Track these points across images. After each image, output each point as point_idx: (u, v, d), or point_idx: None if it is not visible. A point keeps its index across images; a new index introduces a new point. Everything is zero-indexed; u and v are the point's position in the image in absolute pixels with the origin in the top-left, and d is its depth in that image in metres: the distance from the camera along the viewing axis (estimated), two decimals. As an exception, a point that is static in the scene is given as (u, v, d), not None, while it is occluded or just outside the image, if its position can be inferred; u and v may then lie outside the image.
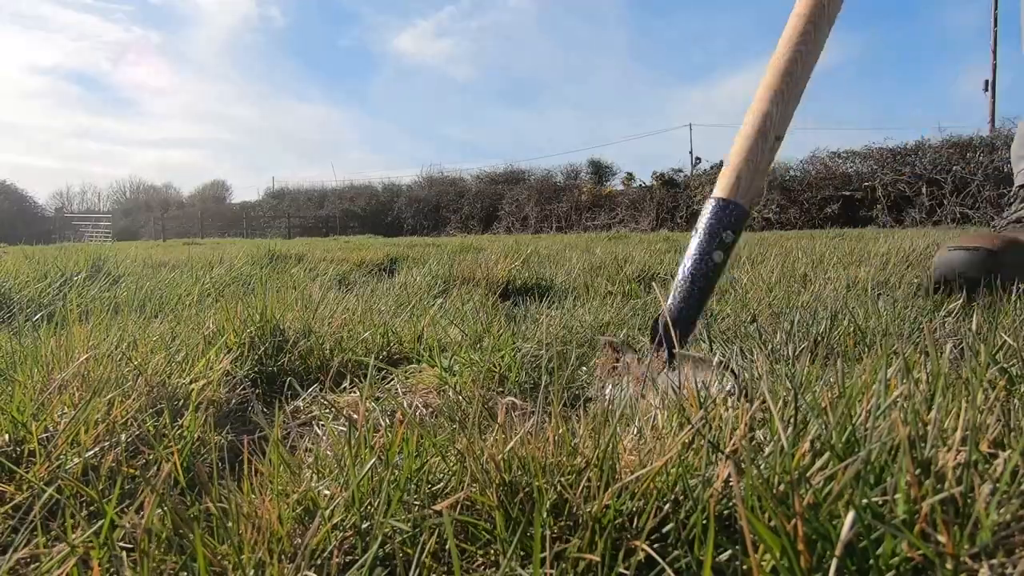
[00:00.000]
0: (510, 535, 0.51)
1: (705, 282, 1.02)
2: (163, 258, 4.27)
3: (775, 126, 1.06)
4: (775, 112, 1.05)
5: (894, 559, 0.39)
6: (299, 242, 9.38)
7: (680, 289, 1.03)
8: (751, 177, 1.04)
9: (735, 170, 1.05)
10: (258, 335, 1.26)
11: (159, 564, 0.51)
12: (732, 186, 1.05)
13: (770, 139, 1.05)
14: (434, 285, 2.66)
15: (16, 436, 0.74)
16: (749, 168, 1.04)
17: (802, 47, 1.06)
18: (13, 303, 1.90)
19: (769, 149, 1.06)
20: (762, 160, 1.05)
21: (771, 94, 1.06)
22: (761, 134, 1.05)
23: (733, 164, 1.06)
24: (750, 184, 1.05)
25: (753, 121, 1.06)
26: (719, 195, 1.05)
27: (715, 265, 1.02)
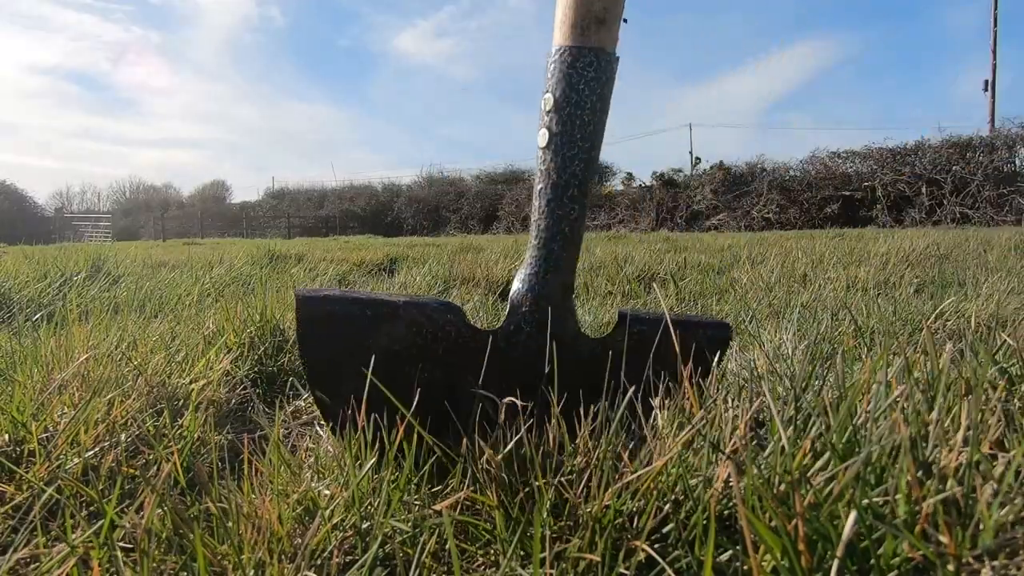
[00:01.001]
0: (510, 535, 0.50)
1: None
2: (163, 258, 4.27)
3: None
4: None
5: (895, 559, 0.39)
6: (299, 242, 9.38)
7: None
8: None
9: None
10: (258, 335, 1.26)
11: (159, 564, 0.51)
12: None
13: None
14: (434, 285, 2.66)
15: (16, 436, 0.74)
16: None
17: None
18: (13, 303, 1.90)
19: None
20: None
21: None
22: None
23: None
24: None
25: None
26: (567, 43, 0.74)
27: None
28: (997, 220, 12.82)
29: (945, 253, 3.53)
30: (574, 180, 0.72)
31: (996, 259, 3.00)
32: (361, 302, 0.70)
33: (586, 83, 0.72)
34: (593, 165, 0.73)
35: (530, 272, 0.72)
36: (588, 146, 0.72)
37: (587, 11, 0.72)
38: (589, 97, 0.72)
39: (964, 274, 2.34)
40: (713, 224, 16.25)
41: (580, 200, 0.73)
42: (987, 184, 13.51)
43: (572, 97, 0.72)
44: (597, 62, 0.72)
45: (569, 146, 0.72)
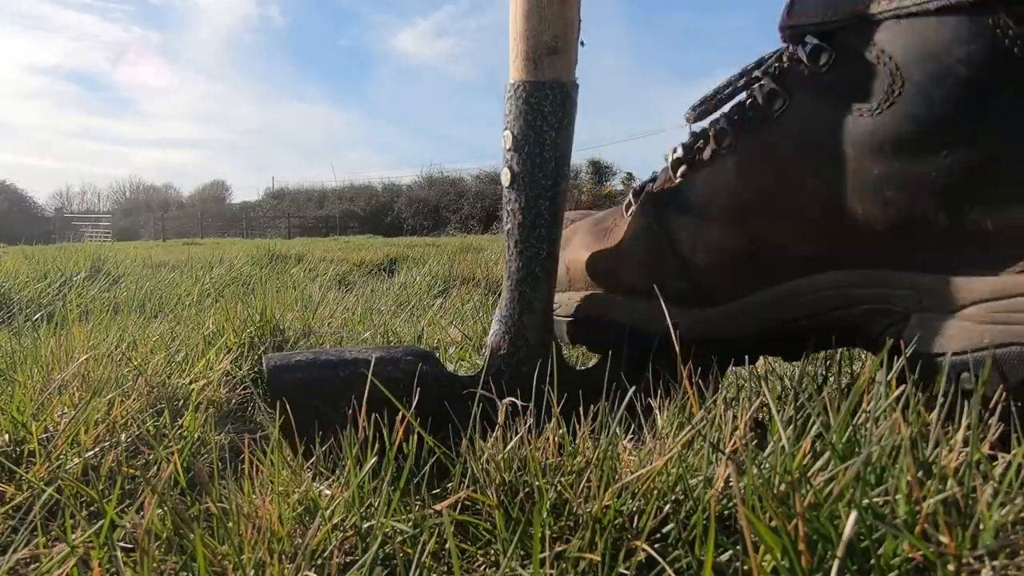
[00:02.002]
0: (510, 535, 0.50)
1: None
2: (163, 258, 4.27)
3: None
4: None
5: (895, 559, 0.39)
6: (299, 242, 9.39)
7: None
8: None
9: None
10: (258, 335, 1.26)
11: (160, 564, 0.51)
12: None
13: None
14: (434, 285, 2.66)
15: (16, 436, 0.74)
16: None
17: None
18: (13, 303, 1.90)
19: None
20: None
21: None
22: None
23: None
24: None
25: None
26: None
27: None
28: (997, 220, 12.80)
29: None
30: (540, 220, 0.69)
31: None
32: (332, 364, 0.67)
33: (544, 118, 0.68)
34: (560, 200, 0.70)
35: (505, 314, 0.70)
36: (551, 183, 0.69)
37: (538, 42, 0.68)
38: (548, 132, 0.69)
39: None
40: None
41: (549, 238, 0.70)
42: (987, 184, 13.51)
43: (531, 135, 0.69)
44: (553, 95, 0.69)
45: (533, 185, 0.69)
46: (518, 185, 0.69)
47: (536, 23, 0.68)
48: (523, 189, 0.69)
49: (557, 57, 0.69)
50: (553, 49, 0.69)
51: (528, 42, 0.68)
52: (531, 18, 0.68)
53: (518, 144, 0.69)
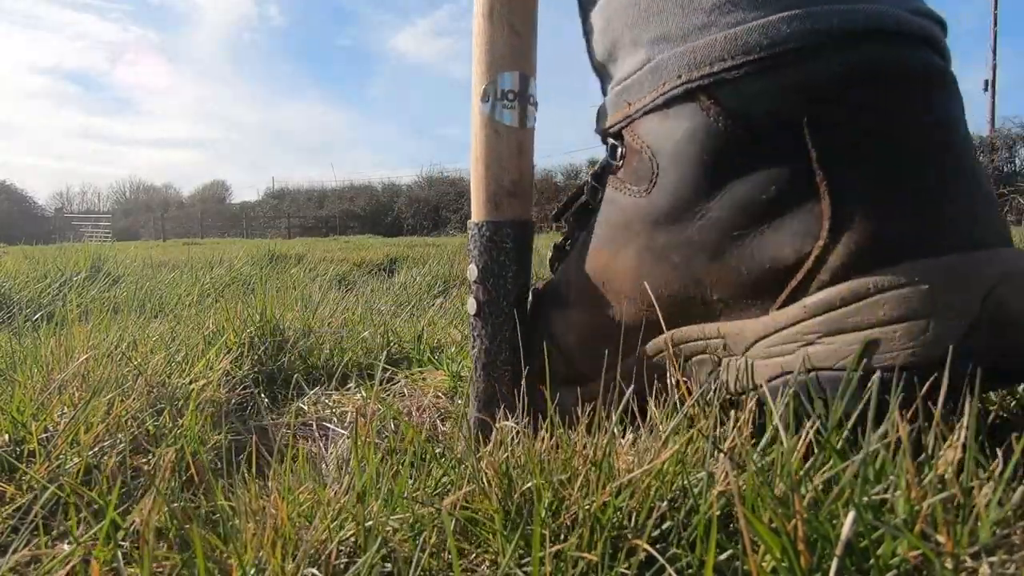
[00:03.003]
0: (509, 534, 0.51)
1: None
2: (163, 258, 4.28)
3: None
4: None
5: (894, 559, 0.39)
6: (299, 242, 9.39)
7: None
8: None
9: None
10: (258, 335, 1.26)
11: (161, 563, 0.51)
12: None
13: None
14: (434, 285, 2.66)
15: (16, 436, 0.74)
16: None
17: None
18: (13, 303, 1.90)
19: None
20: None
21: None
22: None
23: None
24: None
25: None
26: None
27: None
28: (997, 220, 12.80)
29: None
30: (505, 345, 0.75)
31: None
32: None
33: (506, 254, 0.75)
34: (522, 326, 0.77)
35: (470, 435, 0.75)
36: (513, 311, 0.76)
37: (498, 186, 0.76)
38: (511, 266, 0.76)
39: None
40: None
41: (513, 362, 0.75)
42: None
43: (494, 268, 0.76)
44: (514, 233, 0.76)
45: (497, 314, 0.76)
46: (484, 314, 0.76)
47: (496, 170, 0.76)
48: (488, 317, 0.76)
49: (515, 199, 0.77)
50: (512, 193, 0.77)
51: (489, 187, 0.76)
52: (491, 166, 0.76)
53: (483, 277, 0.76)
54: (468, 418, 0.79)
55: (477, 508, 0.54)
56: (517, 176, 0.76)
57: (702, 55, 0.56)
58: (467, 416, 0.80)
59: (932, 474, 0.42)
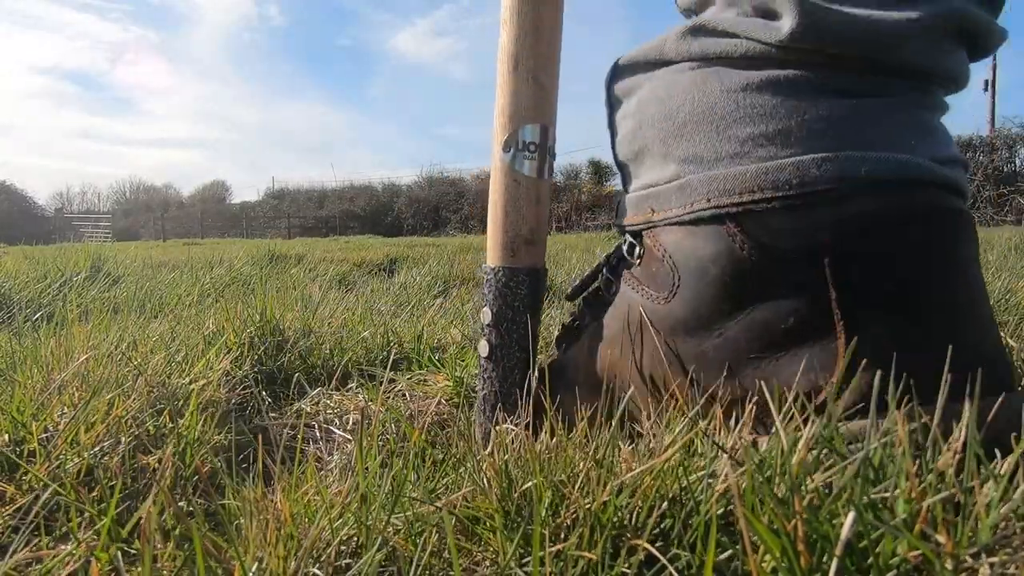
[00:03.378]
0: (510, 533, 0.51)
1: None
2: (163, 258, 4.27)
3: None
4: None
5: (894, 559, 0.39)
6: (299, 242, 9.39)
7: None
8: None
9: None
10: (258, 335, 1.26)
11: (161, 562, 0.51)
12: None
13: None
14: (434, 285, 2.66)
15: (16, 436, 0.74)
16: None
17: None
18: (13, 303, 1.90)
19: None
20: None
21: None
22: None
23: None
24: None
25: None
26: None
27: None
28: (997, 220, 12.83)
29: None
30: (514, 388, 0.77)
31: (996, 259, 3.00)
32: None
33: (520, 300, 0.77)
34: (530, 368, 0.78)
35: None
36: (526, 356, 0.77)
37: (516, 234, 0.78)
38: (524, 312, 0.77)
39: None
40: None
41: (521, 405, 0.77)
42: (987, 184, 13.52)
43: (508, 313, 0.77)
44: (529, 280, 0.77)
45: (508, 357, 0.77)
46: (496, 357, 0.78)
47: (515, 218, 0.77)
48: (500, 360, 0.77)
49: (532, 247, 0.78)
50: (529, 240, 0.78)
51: (507, 234, 0.78)
52: (510, 214, 0.78)
53: (497, 321, 0.77)
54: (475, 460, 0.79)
55: (478, 508, 0.54)
56: (535, 224, 0.77)
57: (732, 183, 0.57)
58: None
59: (932, 474, 0.42)
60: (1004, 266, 2.61)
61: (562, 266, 3.50)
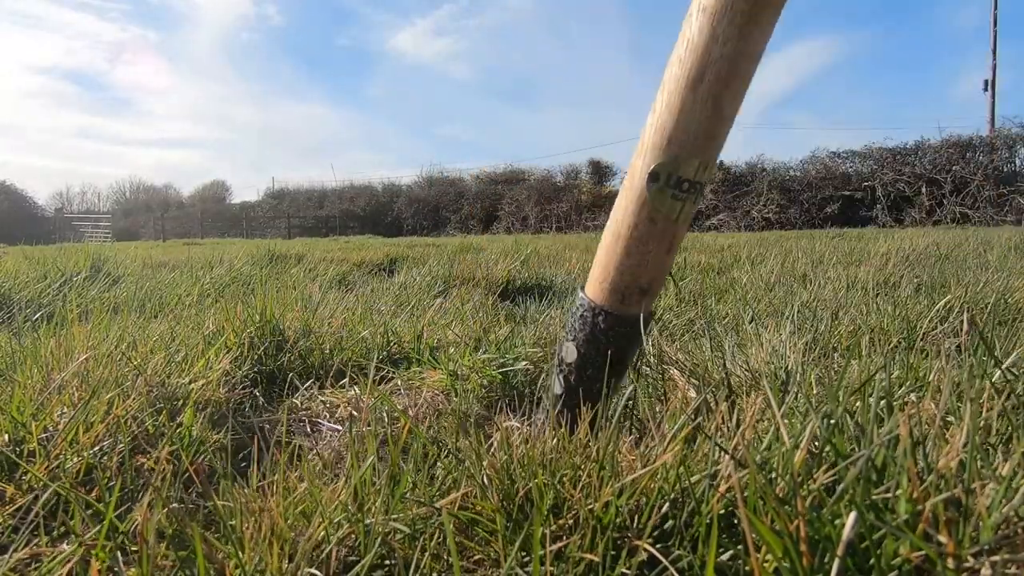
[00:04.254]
0: (510, 534, 0.50)
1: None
2: (163, 258, 4.27)
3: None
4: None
5: (896, 559, 0.38)
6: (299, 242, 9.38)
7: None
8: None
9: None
10: (258, 335, 1.25)
11: (161, 561, 0.51)
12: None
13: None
14: (434, 285, 2.65)
15: (16, 436, 0.73)
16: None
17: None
18: (13, 303, 1.90)
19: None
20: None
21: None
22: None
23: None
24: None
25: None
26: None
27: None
28: (997, 220, 12.82)
29: (945, 253, 3.53)
30: (573, 428, 0.69)
31: (996, 259, 3.00)
32: None
33: (616, 349, 0.68)
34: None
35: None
36: (595, 402, 0.69)
37: (633, 280, 0.68)
38: (614, 363, 0.69)
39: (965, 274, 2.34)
40: (713, 224, 16.25)
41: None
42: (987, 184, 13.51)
43: (597, 360, 0.69)
44: (631, 330, 0.68)
45: (577, 404, 0.70)
46: (566, 397, 0.70)
47: (638, 262, 0.67)
48: (567, 403, 0.70)
49: (647, 297, 0.69)
50: (645, 291, 0.69)
51: (623, 277, 0.68)
52: (633, 255, 0.67)
53: (582, 362, 0.69)
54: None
55: (479, 508, 0.54)
56: (657, 274, 0.68)
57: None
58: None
59: (933, 475, 0.42)
60: (1004, 266, 2.61)
61: (562, 266, 3.49)
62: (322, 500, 0.54)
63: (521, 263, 3.22)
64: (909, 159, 14.75)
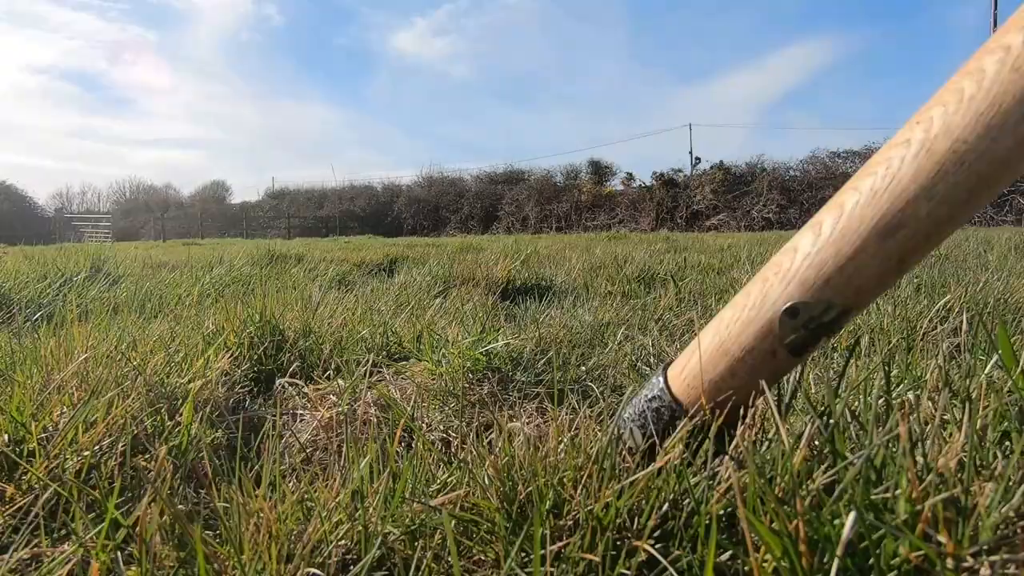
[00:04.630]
0: (510, 535, 0.50)
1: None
2: (163, 258, 4.27)
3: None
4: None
5: (895, 559, 0.39)
6: (299, 242, 9.39)
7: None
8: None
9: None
10: (257, 335, 1.26)
11: (161, 561, 0.51)
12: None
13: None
14: (434, 285, 2.66)
15: (16, 436, 0.73)
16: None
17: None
18: (13, 303, 1.90)
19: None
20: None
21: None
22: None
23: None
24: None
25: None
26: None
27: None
28: (997, 220, 12.83)
29: (945, 253, 3.53)
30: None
31: (996, 259, 3.00)
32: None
33: (667, 437, 0.62)
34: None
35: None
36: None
37: (726, 400, 0.60)
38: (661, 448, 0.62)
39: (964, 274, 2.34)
40: (713, 224, 16.26)
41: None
42: (987, 184, 13.51)
43: (656, 452, 0.61)
44: (700, 438, 0.60)
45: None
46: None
47: (737, 386, 0.60)
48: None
49: (722, 408, 0.62)
50: (737, 409, 0.61)
51: (717, 391, 0.60)
52: (736, 379, 0.60)
53: (646, 456, 0.61)
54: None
55: (479, 509, 0.54)
56: (744, 397, 0.61)
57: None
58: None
59: (933, 474, 0.42)
60: (1004, 266, 2.61)
61: (562, 266, 3.49)
62: (322, 501, 0.54)
63: (521, 263, 3.23)
64: (909, 159, 14.75)
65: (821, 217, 0.57)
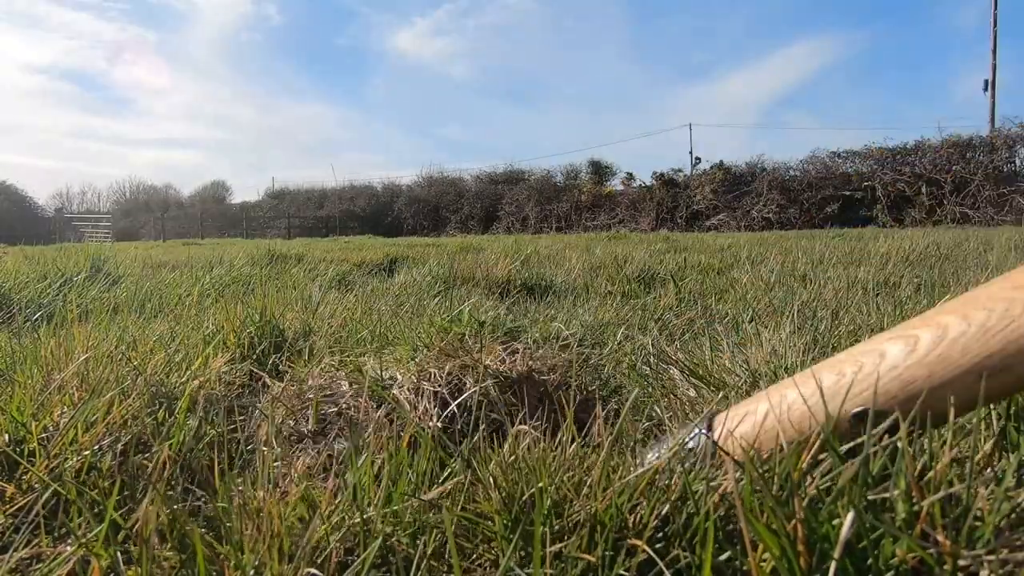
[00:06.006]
0: (510, 534, 0.50)
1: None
2: (163, 258, 4.27)
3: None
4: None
5: (893, 559, 0.39)
6: (299, 242, 9.39)
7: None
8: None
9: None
10: (257, 335, 1.26)
11: (161, 561, 0.51)
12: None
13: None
14: (434, 285, 2.66)
15: (16, 436, 0.74)
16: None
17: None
18: (13, 303, 1.90)
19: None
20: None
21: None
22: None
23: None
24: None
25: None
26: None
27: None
28: (997, 220, 12.83)
29: (945, 253, 3.53)
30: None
31: (996, 259, 3.00)
32: None
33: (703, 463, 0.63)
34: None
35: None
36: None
37: (762, 445, 0.59)
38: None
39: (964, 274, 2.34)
40: (713, 224, 16.25)
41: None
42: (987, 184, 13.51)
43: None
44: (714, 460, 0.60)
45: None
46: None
47: (775, 446, 0.57)
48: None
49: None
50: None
51: (758, 447, 0.58)
52: (770, 443, 0.59)
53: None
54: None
55: (480, 508, 0.54)
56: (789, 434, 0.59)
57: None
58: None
59: (932, 473, 0.42)
60: (1004, 266, 2.61)
61: (562, 266, 3.49)
62: (322, 501, 0.54)
63: (521, 263, 3.23)
64: (909, 159, 14.75)
65: (917, 331, 0.55)
